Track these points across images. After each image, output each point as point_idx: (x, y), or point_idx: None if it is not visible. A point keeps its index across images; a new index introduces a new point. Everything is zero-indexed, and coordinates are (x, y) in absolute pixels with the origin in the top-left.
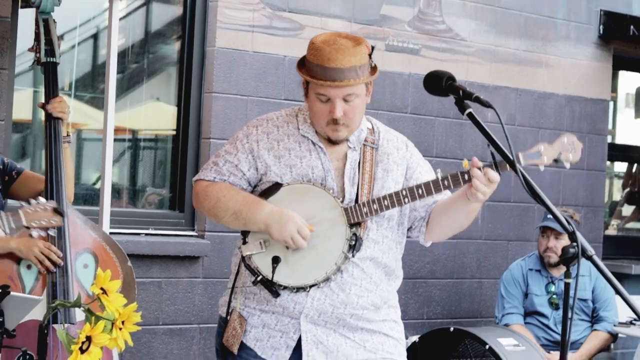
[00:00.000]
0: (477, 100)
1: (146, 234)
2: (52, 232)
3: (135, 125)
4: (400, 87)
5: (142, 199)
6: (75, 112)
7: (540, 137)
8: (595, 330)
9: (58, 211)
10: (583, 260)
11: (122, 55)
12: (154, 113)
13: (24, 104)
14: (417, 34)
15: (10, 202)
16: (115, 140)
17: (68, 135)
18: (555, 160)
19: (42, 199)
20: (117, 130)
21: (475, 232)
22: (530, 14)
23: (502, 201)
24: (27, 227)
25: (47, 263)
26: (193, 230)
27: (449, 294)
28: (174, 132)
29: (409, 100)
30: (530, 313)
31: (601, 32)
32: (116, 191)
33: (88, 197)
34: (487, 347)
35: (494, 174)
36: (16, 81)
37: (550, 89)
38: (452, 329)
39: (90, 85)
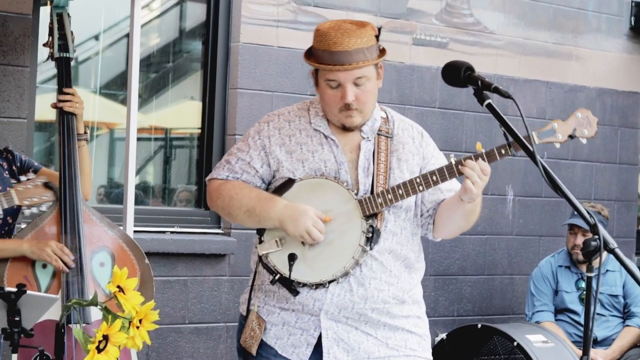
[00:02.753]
0: (496, 90)
1: (172, 232)
2: (44, 208)
3: (163, 123)
4: (429, 81)
5: (169, 196)
6: (108, 111)
7: None
8: (627, 326)
9: (48, 186)
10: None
11: (150, 56)
12: (183, 111)
13: (49, 104)
14: (445, 27)
15: None
16: (143, 139)
17: (85, 132)
18: (571, 137)
19: (31, 175)
20: (147, 129)
21: (506, 227)
22: (560, 6)
23: (533, 196)
24: (20, 206)
25: (60, 264)
26: (219, 228)
27: (479, 291)
28: (199, 130)
29: (437, 95)
30: (561, 310)
31: (632, 23)
32: (142, 189)
33: (121, 196)
34: (515, 343)
35: (484, 165)
36: (42, 82)
37: (581, 82)
38: (479, 325)
39: (124, 84)
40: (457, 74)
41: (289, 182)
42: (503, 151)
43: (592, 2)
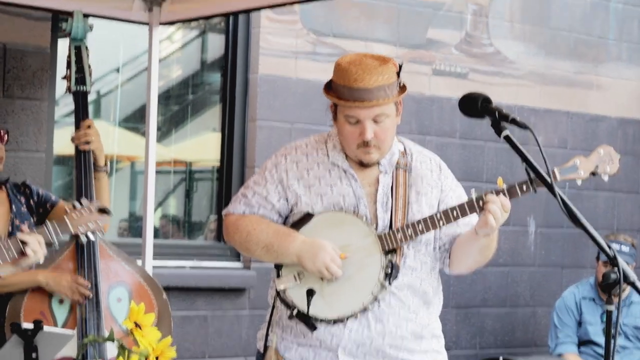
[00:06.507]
0: (514, 122)
1: (191, 268)
2: (99, 235)
3: (183, 156)
4: (448, 112)
5: (190, 229)
6: (129, 143)
7: None
8: None
9: (104, 210)
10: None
11: (170, 89)
12: (203, 144)
13: (68, 138)
14: (465, 57)
15: None
16: (163, 172)
17: (106, 164)
18: (593, 174)
19: (85, 201)
20: (167, 162)
21: (528, 259)
22: (581, 35)
23: (555, 227)
24: (76, 234)
25: (77, 296)
26: (238, 261)
27: (502, 323)
28: (219, 162)
29: (458, 125)
30: (584, 342)
31: None
32: (163, 223)
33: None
34: None
35: (505, 200)
36: (61, 116)
37: (602, 112)
38: (501, 358)
39: (144, 117)
40: (474, 105)
41: (306, 217)
42: (525, 187)
43: (613, 30)
